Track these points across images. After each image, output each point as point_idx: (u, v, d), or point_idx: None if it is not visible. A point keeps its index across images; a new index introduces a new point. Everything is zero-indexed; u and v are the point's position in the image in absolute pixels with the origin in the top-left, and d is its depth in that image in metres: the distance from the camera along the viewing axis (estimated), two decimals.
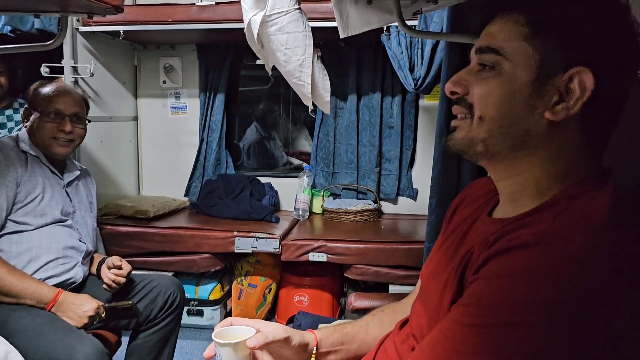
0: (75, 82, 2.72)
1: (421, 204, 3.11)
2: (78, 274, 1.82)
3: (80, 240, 1.88)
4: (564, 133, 0.72)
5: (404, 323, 0.99)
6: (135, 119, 3.40)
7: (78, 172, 1.99)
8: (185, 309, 2.73)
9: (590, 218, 0.66)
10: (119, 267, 1.82)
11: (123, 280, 1.82)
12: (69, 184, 1.92)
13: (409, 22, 1.73)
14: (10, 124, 2.82)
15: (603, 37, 0.69)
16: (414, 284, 1.14)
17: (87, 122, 1.94)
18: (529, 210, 0.74)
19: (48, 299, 1.62)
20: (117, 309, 1.72)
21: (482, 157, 0.78)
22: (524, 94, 0.72)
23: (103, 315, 1.67)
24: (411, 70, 2.60)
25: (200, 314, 2.79)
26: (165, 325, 1.88)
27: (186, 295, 2.72)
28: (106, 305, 1.70)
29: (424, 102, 3.13)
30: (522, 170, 0.76)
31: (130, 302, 1.73)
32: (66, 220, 1.84)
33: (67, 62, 2.69)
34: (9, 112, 2.81)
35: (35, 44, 2.06)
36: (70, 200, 1.90)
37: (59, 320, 1.60)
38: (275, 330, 0.97)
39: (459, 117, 0.80)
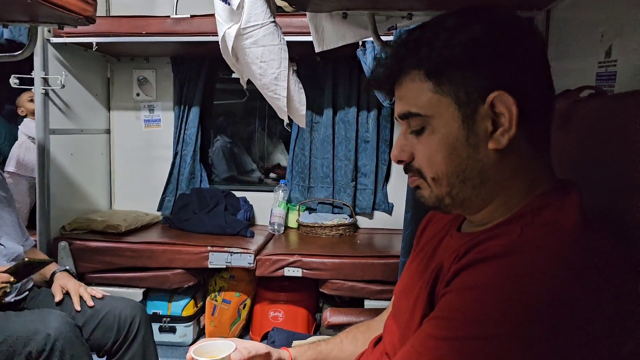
0: (46, 93, 2.67)
1: (397, 219, 3.12)
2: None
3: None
4: (515, 153, 0.72)
5: (378, 341, 0.98)
6: (108, 131, 3.35)
7: None
8: (158, 325, 2.68)
9: (557, 228, 0.66)
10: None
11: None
12: None
13: (384, 38, 1.74)
14: None
15: (500, 54, 0.70)
16: (389, 299, 1.13)
17: None
18: (497, 223, 0.74)
19: None
20: (20, 268, 1.64)
21: (454, 208, 0.79)
22: (461, 138, 0.72)
23: (12, 280, 1.60)
24: None
25: (172, 330, 2.72)
26: (134, 353, 1.77)
27: (158, 311, 2.69)
28: (11, 267, 1.62)
29: None
30: (491, 200, 0.76)
31: (26, 259, 1.65)
32: None
33: (37, 74, 2.63)
34: None
35: (4, 54, 2.02)
36: None
37: None
38: (257, 345, 0.98)
39: (415, 179, 0.81)
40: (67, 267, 1.94)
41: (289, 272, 2.56)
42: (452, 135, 0.73)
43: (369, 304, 2.53)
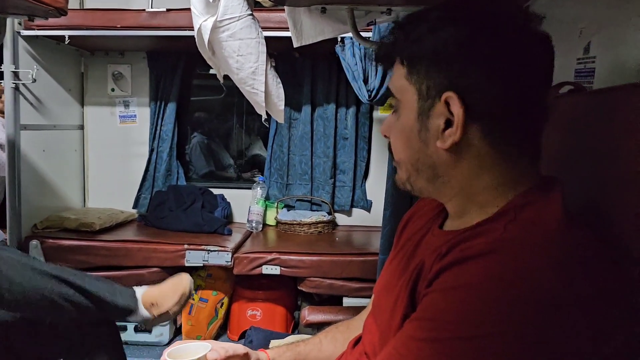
0: (16, 88, 2.59)
1: (375, 216, 3.11)
2: None
3: None
4: (471, 153, 0.71)
5: (357, 341, 0.97)
6: (82, 127, 3.27)
7: None
8: (133, 325, 2.63)
9: (540, 225, 0.65)
10: None
11: None
12: None
13: (363, 33, 1.73)
14: None
15: (466, 57, 0.69)
16: (368, 297, 1.12)
17: None
18: (479, 221, 0.73)
19: None
20: None
21: (415, 193, 0.81)
22: (415, 130, 0.74)
23: None
24: (365, 81, 2.60)
25: (148, 330, 2.67)
26: None
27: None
28: None
29: (378, 113, 3.15)
30: (453, 194, 0.77)
31: None
32: None
33: (7, 67, 2.56)
34: None
35: None
36: None
37: None
38: (235, 345, 0.96)
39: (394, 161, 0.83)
40: None
41: (267, 270, 2.54)
42: (409, 125, 0.75)
43: (347, 301, 2.53)
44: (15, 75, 2.58)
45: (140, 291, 1.71)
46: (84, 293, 1.54)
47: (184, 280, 1.76)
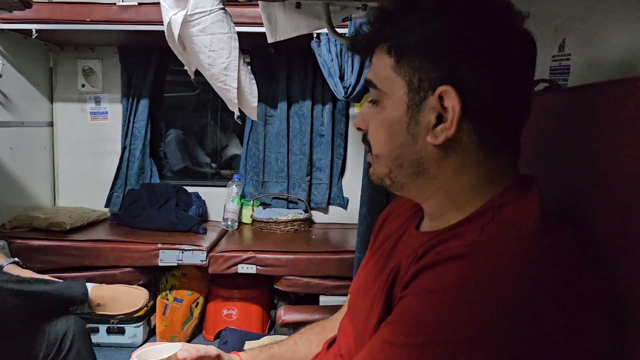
0: None
1: (352, 213, 3.11)
2: None
3: None
4: (458, 150, 0.70)
5: (332, 342, 0.95)
6: (51, 124, 3.19)
7: None
8: (105, 327, 2.58)
9: (518, 227, 0.64)
10: None
11: None
12: None
13: (338, 29, 1.71)
14: None
15: (461, 50, 0.67)
16: (345, 294, 1.10)
17: None
18: (456, 222, 0.71)
19: None
20: None
21: (393, 189, 0.78)
22: (403, 124, 0.71)
23: None
24: (341, 78, 2.59)
25: (121, 331, 2.62)
26: None
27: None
28: None
29: (354, 110, 3.14)
30: (433, 192, 0.75)
31: None
32: None
33: None
34: None
35: None
36: None
37: None
38: (207, 346, 0.95)
39: (369, 155, 0.80)
40: (16, 259, 1.82)
41: (243, 269, 2.51)
42: (395, 118, 0.72)
43: (324, 299, 2.52)
44: None
45: (90, 286, 1.68)
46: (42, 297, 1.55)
47: (142, 295, 1.74)
